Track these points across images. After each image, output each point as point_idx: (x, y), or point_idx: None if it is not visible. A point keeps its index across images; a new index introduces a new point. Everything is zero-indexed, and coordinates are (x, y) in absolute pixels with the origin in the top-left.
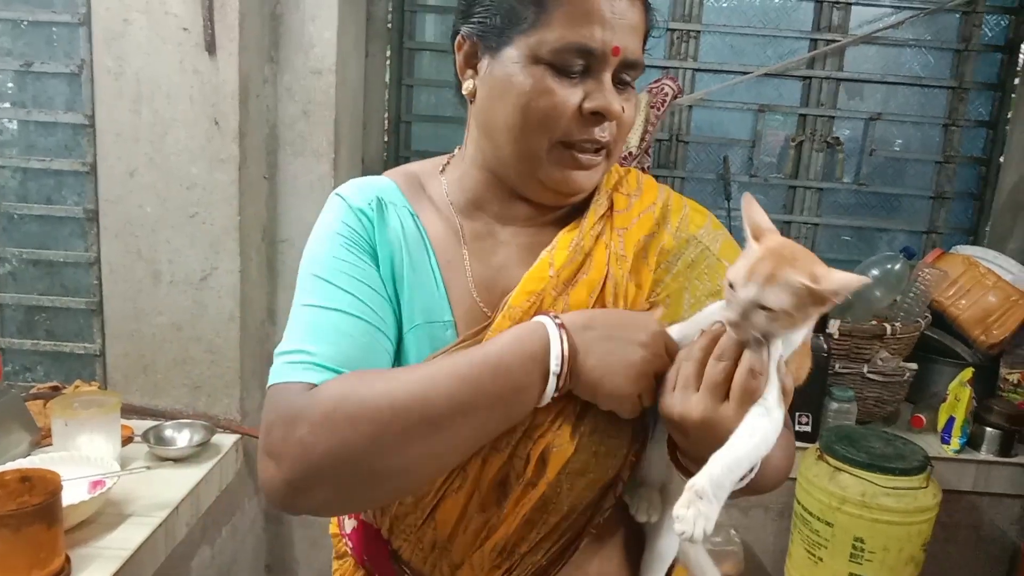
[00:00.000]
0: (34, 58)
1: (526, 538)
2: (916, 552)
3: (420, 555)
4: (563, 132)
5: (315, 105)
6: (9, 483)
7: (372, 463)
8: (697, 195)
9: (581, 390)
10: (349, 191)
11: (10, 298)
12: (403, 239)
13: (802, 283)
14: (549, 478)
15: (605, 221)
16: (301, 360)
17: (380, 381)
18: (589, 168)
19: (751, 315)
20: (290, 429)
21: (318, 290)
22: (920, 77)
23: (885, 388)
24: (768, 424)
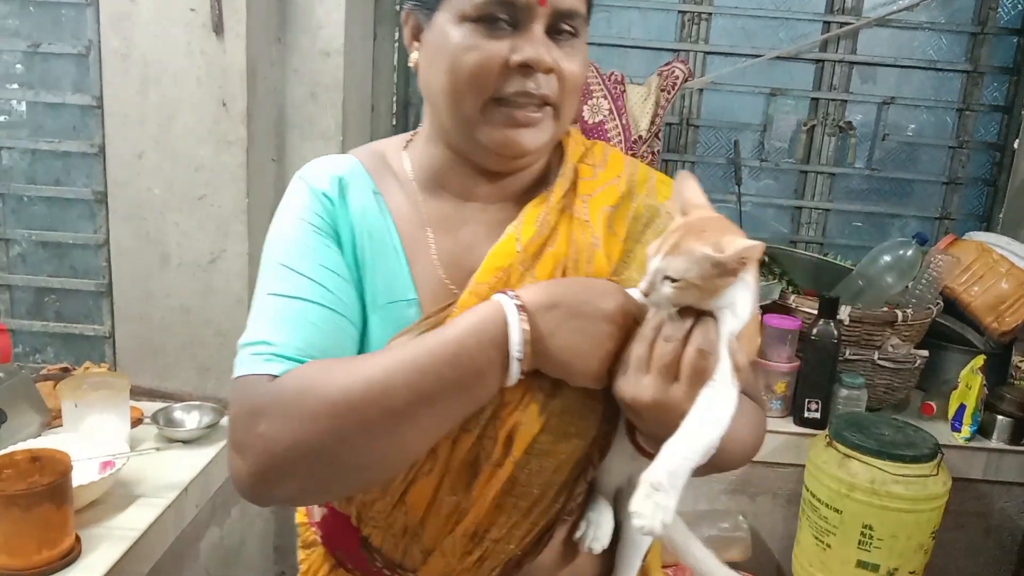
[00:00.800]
0: (42, 39)
1: (497, 523)
2: (925, 540)
3: (391, 541)
4: (494, 88)
5: (323, 87)
6: (19, 463)
7: (334, 456)
8: (707, 180)
9: (550, 370)
10: (311, 173)
11: (19, 279)
12: (365, 219)
13: (702, 253)
14: (515, 457)
15: (571, 194)
16: (263, 351)
17: (340, 372)
18: (529, 125)
19: (659, 285)
20: (252, 423)
21: (280, 278)
22: (934, 61)
23: (896, 375)
24: (721, 404)
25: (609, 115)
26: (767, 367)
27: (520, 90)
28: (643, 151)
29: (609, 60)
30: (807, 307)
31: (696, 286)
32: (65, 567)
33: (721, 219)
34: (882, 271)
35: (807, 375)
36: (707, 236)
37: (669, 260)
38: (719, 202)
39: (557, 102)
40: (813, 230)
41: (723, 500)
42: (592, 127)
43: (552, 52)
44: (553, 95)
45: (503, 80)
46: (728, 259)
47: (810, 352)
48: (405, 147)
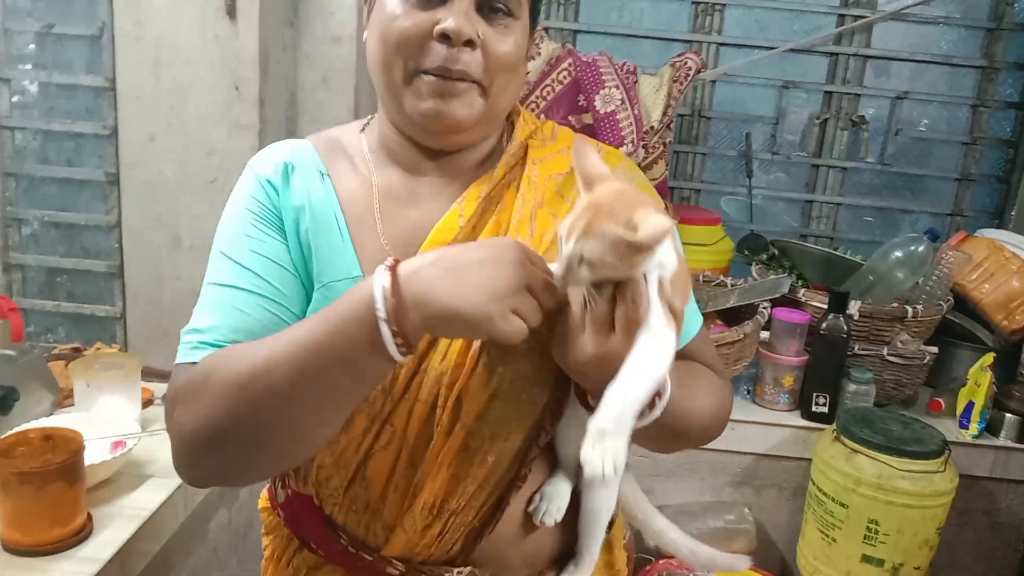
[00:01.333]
0: (55, 20)
1: (454, 492)
2: (931, 536)
3: (354, 518)
4: (416, 58)
5: (335, 72)
6: (32, 441)
7: (235, 436)
8: (718, 172)
9: (443, 329)
10: (258, 159)
11: (32, 260)
12: (309, 201)
13: (615, 235)
14: (466, 424)
15: (518, 168)
16: (192, 340)
17: (239, 354)
18: (453, 95)
19: (576, 268)
20: (171, 409)
21: (220, 267)
22: (949, 56)
23: (904, 371)
24: (658, 347)
25: (621, 105)
26: (776, 360)
27: (440, 64)
28: (655, 142)
29: (620, 50)
30: (817, 301)
31: (612, 265)
32: (77, 545)
33: (628, 191)
34: (893, 266)
35: (815, 369)
36: (618, 215)
37: (583, 244)
38: (729, 194)
39: (481, 79)
40: (824, 224)
41: (728, 492)
42: (604, 117)
43: (479, 27)
44: (475, 72)
45: (426, 50)
46: (642, 241)
47: (819, 346)
48: (362, 129)
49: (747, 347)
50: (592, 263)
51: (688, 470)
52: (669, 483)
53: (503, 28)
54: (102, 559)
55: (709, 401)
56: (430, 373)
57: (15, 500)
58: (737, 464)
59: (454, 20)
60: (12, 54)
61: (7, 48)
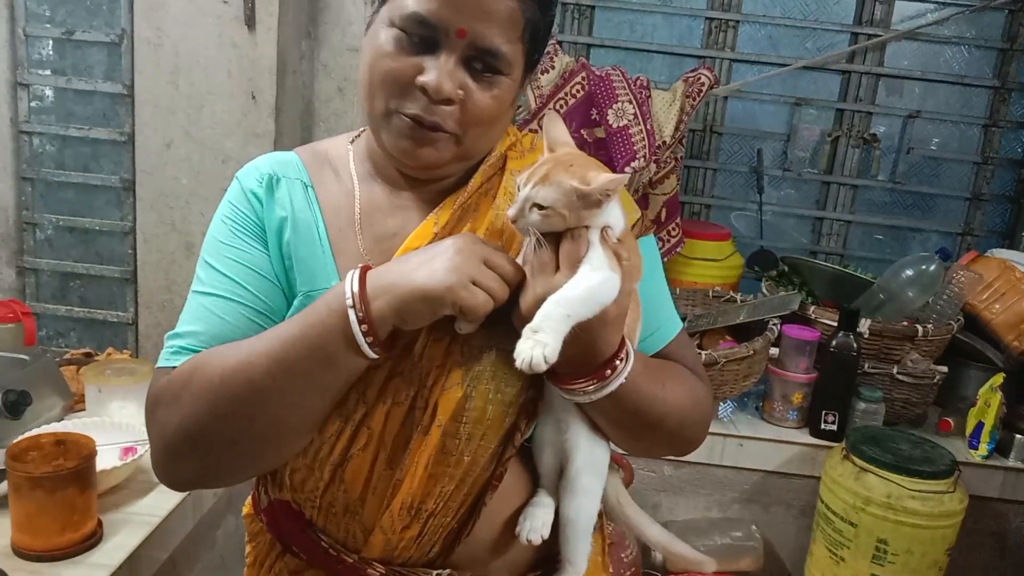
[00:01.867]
0: (75, 27)
1: (431, 493)
2: (940, 557)
3: (333, 521)
4: (396, 100)
5: (351, 82)
6: (44, 446)
7: (217, 433)
8: (728, 188)
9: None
10: (245, 171)
11: (45, 264)
12: (291, 212)
13: (569, 184)
14: (442, 422)
15: (497, 176)
16: (173, 345)
17: (223, 354)
18: (422, 144)
19: (527, 212)
20: (151, 412)
21: (204, 275)
22: (962, 76)
23: (914, 390)
24: (594, 274)
25: (634, 120)
26: (785, 377)
27: (415, 112)
28: (666, 156)
29: (633, 64)
30: (826, 318)
31: (561, 214)
32: (87, 550)
33: (586, 156)
34: (904, 285)
35: (825, 387)
36: (575, 170)
37: (538, 189)
38: (739, 210)
39: (454, 131)
40: (834, 241)
41: (736, 509)
42: (616, 131)
43: (462, 79)
44: (449, 124)
45: (406, 95)
46: (593, 191)
47: (828, 364)
48: (352, 142)
49: (756, 363)
50: (544, 209)
51: (695, 486)
52: (676, 499)
53: (487, 84)
54: (112, 565)
55: (681, 394)
56: (406, 375)
57: (27, 504)
58: (745, 481)
59: (436, 77)
60: (32, 59)
61: (27, 53)
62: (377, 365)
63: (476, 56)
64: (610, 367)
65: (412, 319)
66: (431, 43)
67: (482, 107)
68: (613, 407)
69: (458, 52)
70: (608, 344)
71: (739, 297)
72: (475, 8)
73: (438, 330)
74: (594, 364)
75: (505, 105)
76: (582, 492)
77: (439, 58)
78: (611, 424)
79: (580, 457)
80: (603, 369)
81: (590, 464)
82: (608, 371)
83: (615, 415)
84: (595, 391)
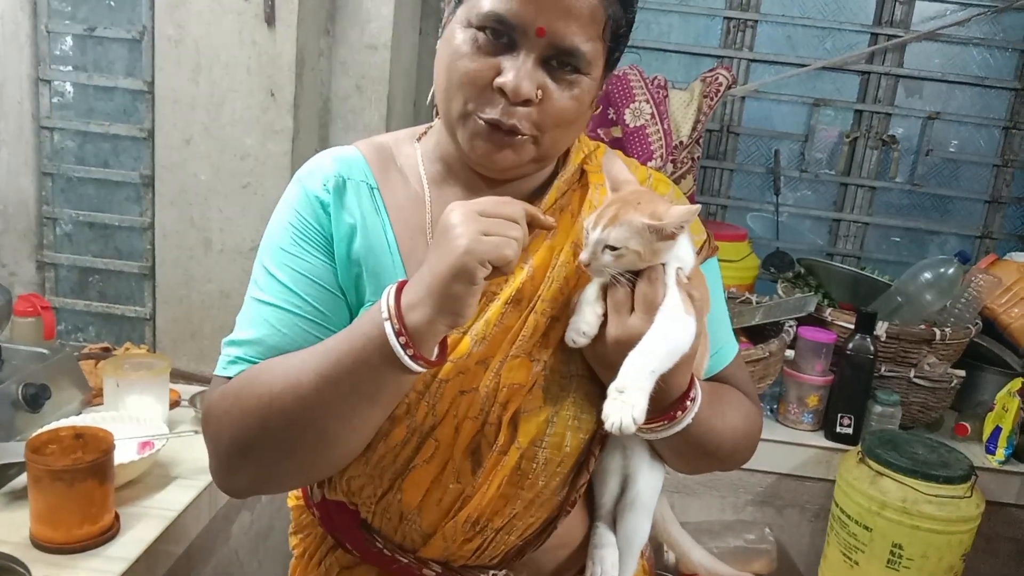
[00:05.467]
0: (97, 23)
1: (500, 512)
2: (955, 562)
3: (389, 525)
4: (474, 102)
5: (369, 80)
6: (64, 439)
7: (269, 446)
8: (745, 188)
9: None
10: (307, 173)
11: (65, 259)
12: (361, 217)
13: (643, 223)
14: (521, 445)
15: (574, 192)
16: (231, 354)
17: (274, 368)
18: (501, 147)
19: (600, 255)
20: (207, 423)
21: (262, 281)
22: (982, 77)
23: (931, 394)
24: (675, 324)
25: (651, 119)
26: (800, 379)
27: (494, 117)
28: (683, 156)
29: (648, 64)
30: (843, 321)
31: (636, 252)
32: (105, 543)
33: (651, 192)
34: (922, 288)
35: (841, 390)
36: (643, 207)
37: (609, 231)
38: (756, 211)
39: (532, 132)
40: (851, 243)
41: (750, 511)
42: (633, 131)
43: (541, 80)
44: (526, 127)
45: (484, 98)
46: (666, 225)
47: (845, 367)
48: (418, 139)
49: (772, 365)
50: (616, 250)
51: (709, 488)
52: (689, 500)
53: (567, 84)
54: (129, 558)
55: (738, 422)
56: (481, 391)
57: (46, 497)
58: (759, 483)
59: (514, 78)
60: (53, 55)
61: (49, 49)
62: (447, 378)
63: (556, 56)
64: (681, 408)
65: (459, 306)
66: (510, 43)
67: (561, 108)
68: (678, 440)
69: (537, 51)
70: (680, 386)
71: (755, 298)
72: (555, 5)
73: (514, 344)
74: (665, 404)
75: (584, 105)
76: (640, 513)
77: (518, 58)
78: (672, 453)
79: (640, 481)
80: (674, 410)
81: (648, 487)
82: (679, 412)
83: (679, 446)
84: (664, 430)
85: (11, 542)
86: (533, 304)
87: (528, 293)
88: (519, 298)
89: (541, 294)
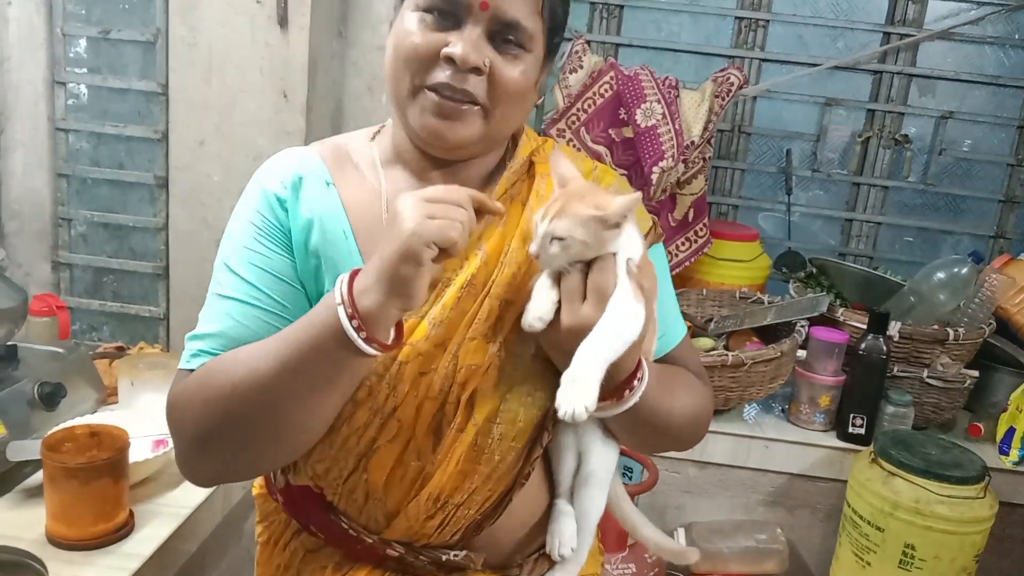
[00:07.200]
0: (111, 26)
1: (460, 488)
2: (968, 563)
3: (355, 506)
4: (422, 75)
5: (380, 81)
6: (79, 437)
7: (231, 434)
8: (757, 188)
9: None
10: (265, 173)
11: (80, 259)
12: (318, 213)
13: (587, 214)
14: (477, 422)
15: (523, 182)
16: (193, 348)
17: (235, 358)
18: (452, 118)
19: (548, 246)
20: (170, 414)
21: (224, 279)
22: (996, 76)
23: (944, 394)
24: (625, 313)
25: (662, 119)
26: (812, 379)
27: (443, 81)
28: (695, 156)
29: (659, 64)
30: (855, 321)
31: (582, 242)
32: (119, 540)
33: (595, 185)
34: (935, 288)
35: (853, 390)
36: (588, 199)
37: (556, 223)
38: (767, 211)
39: (484, 103)
40: (863, 243)
41: (761, 512)
42: (645, 131)
43: (488, 53)
44: (479, 95)
45: (431, 69)
46: (610, 215)
47: (857, 367)
48: (373, 138)
49: (783, 365)
50: (564, 241)
51: (720, 488)
52: (700, 500)
53: (513, 59)
54: (143, 555)
55: (687, 401)
56: (440, 372)
57: (61, 494)
58: (770, 483)
59: (462, 47)
60: (68, 58)
61: (64, 52)
62: (407, 360)
63: (499, 31)
64: (628, 387)
65: (408, 288)
66: (455, 22)
67: (509, 80)
68: (628, 419)
69: (482, 25)
70: (627, 368)
71: (766, 298)
72: None
73: (471, 328)
74: (613, 385)
75: (531, 83)
76: (595, 488)
77: (464, 31)
78: (623, 430)
79: (594, 458)
80: (622, 390)
81: (602, 463)
82: (626, 391)
83: (628, 424)
84: (612, 408)
85: (27, 539)
86: (488, 289)
87: (482, 279)
88: (474, 283)
89: (495, 279)
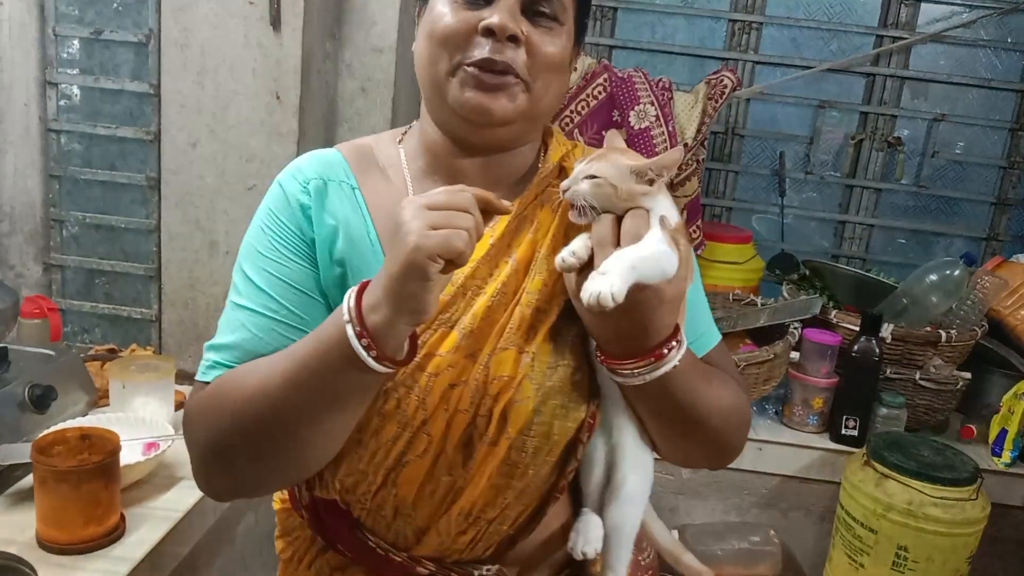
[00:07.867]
0: (104, 27)
1: (493, 503)
2: (961, 565)
3: (383, 523)
4: (461, 52)
5: (374, 83)
6: (70, 440)
7: (243, 450)
8: (750, 190)
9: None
10: (288, 178)
11: (71, 261)
12: (343, 218)
13: (625, 162)
14: (511, 435)
15: (552, 188)
16: (209, 359)
17: (248, 373)
18: (494, 90)
19: (580, 182)
20: (186, 426)
21: (241, 286)
22: (988, 79)
23: (936, 396)
24: (659, 246)
25: (656, 121)
26: (806, 381)
27: (484, 56)
28: (688, 159)
29: (653, 66)
30: (848, 323)
31: (612, 186)
32: (110, 544)
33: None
34: (927, 290)
35: (846, 392)
36: (630, 155)
37: (592, 164)
38: (761, 213)
39: (524, 76)
40: (856, 245)
41: (754, 513)
42: (638, 133)
43: (523, 26)
44: (520, 67)
45: (471, 44)
46: (645, 165)
47: (850, 369)
48: (399, 140)
49: (776, 367)
50: (595, 180)
51: (713, 489)
52: (694, 502)
53: (547, 31)
54: (134, 559)
55: (725, 395)
56: (471, 384)
57: (52, 498)
58: (764, 485)
59: (499, 16)
60: (60, 58)
61: (56, 52)
62: (437, 372)
63: (532, 4)
64: (665, 347)
65: (416, 304)
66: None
67: (547, 51)
68: (662, 395)
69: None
70: (663, 325)
71: (760, 300)
72: None
73: (502, 337)
74: (648, 345)
75: (566, 58)
76: (627, 498)
77: (498, 3)
78: (657, 418)
79: (627, 462)
80: (657, 350)
81: (635, 469)
82: (663, 351)
83: (663, 407)
84: (647, 371)
85: (17, 542)
86: (519, 296)
87: (513, 286)
88: (504, 291)
89: (526, 286)
